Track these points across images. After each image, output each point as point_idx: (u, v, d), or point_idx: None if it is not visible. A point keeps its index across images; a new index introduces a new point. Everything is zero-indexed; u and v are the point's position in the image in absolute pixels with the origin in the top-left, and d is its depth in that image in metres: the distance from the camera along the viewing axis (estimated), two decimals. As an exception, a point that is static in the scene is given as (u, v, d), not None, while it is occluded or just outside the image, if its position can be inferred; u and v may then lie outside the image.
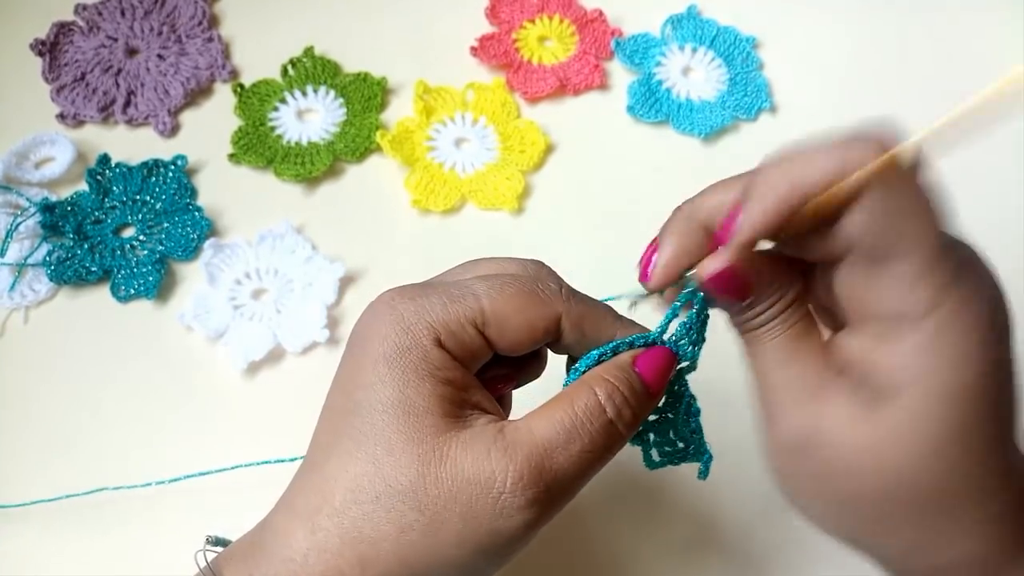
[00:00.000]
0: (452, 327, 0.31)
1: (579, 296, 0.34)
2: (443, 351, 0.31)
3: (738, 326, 0.32)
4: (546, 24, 0.68)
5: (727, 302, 0.31)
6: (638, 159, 0.63)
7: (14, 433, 0.51)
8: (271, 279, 0.56)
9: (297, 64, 0.64)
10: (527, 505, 0.29)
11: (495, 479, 0.29)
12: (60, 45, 0.64)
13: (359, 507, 0.30)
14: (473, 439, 0.30)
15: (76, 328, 0.54)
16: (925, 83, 0.67)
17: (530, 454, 0.30)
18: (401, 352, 0.31)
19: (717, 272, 0.30)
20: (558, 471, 0.30)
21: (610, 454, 0.32)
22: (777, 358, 0.31)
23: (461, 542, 0.29)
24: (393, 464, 0.30)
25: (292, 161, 0.60)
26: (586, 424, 0.31)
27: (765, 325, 0.31)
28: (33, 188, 0.58)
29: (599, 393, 0.31)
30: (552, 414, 0.31)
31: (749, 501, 0.50)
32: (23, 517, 0.48)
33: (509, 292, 0.32)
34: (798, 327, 0.31)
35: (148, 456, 0.50)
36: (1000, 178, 0.63)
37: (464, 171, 0.61)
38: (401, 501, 0.29)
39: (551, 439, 0.30)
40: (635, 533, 0.49)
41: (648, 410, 0.33)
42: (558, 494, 0.30)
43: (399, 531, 0.29)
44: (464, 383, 0.31)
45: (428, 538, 0.29)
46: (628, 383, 0.32)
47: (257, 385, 0.53)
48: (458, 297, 0.32)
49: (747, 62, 0.67)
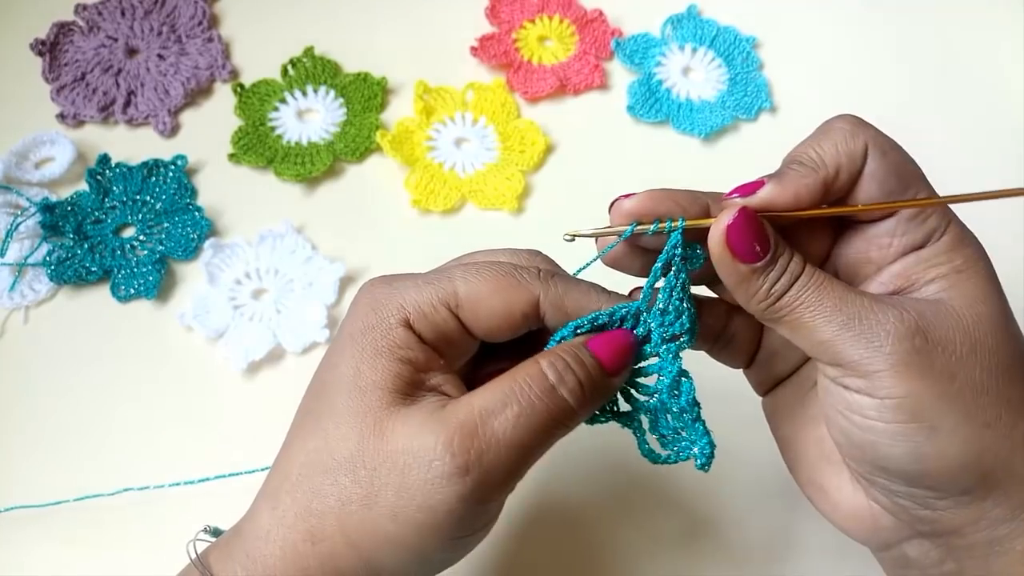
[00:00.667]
0: (423, 308, 0.31)
1: (563, 277, 0.33)
2: (409, 331, 0.31)
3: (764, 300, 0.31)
4: (546, 24, 0.68)
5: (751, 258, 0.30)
6: (638, 159, 0.63)
7: (14, 433, 0.51)
8: (271, 279, 0.56)
9: (297, 64, 0.64)
10: (457, 473, 0.28)
11: (425, 448, 0.29)
12: (60, 45, 0.64)
13: (310, 481, 0.30)
14: (413, 413, 0.30)
15: (76, 328, 0.54)
16: (925, 83, 0.67)
17: (463, 422, 0.29)
18: (365, 330, 0.31)
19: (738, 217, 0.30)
20: (491, 437, 0.29)
21: (556, 425, 0.30)
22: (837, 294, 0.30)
23: (395, 516, 0.29)
24: (338, 437, 0.30)
25: (292, 161, 0.60)
26: (524, 389, 0.30)
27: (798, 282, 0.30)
28: (33, 188, 0.58)
29: (542, 362, 0.31)
30: (493, 385, 0.30)
31: (746, 496, 0.50)
32: (22, 518, 0.48)
33: (485, 275, 0.32)
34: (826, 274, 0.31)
35: (148, 456, 0.50)
36: (1001, 180, 0.63)
37: (464, 171, 0.61)
38: (343, 474, 0.29)
39: (486, 407, 0.29)
40: (633, 527, 0.49)
41: (604, 387, 0.32)
42: (494, 463, 0.29)
43: (340, 504, 0.29)
44: (427, 365, 0.31)
45: (365, 511, 0.29)
46: (574, 354, 0.31)
47: (257, 385, 0.53)
48: (433, 280, 0.32)
49: (747, 62, 0.67)
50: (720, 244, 0.30)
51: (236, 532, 0.32)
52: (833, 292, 0.30)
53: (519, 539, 0.48)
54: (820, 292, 0.30)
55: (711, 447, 0.33)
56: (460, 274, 0.32)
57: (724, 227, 0.30)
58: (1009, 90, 0.67)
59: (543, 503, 0.49)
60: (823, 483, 0.34)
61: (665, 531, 0.49)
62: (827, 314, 0.30)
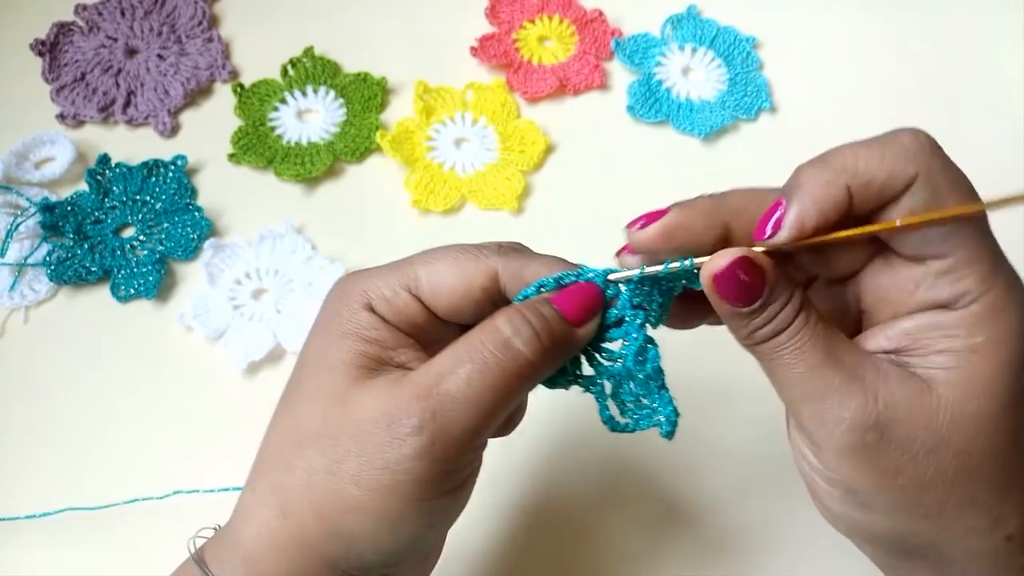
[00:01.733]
0: (384, 292, 0.32)
1: (524, 251, 0.33)
2: (372, 314, 0.32)
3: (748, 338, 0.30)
4: (546, 24, 0.68)
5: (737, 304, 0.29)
6: (638, 159, 0.63)
7: (14, 433, 0.51)
8: (271, 279, 0.56)
9: (297, 64, 0.64)
10: (413, 432, 0.29)
11: (386, 412, 0.29)
12: (60, 45, 0.64)
13: (280, 457, 0.31)
14: (377, 383, 0.30)
15: (76, 328, 0.54)
16: (925, 83, 0.67)
17: (419, 383, 0.29)
18: (332, 316, 0.32)
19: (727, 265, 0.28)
20: (444, 394, 0.29)
21: (515, 379, 0.30)
22: (816, 360, 0.29)
23: (358, 479, 0.29)
24: (306, 413, 0.31)
25: (292, 161, 0.60)
26: (478, 346, 0.30)
27: (787, 330, 0.29)
28: (33, 188, 0.58)
29: (497, 318, 0.31)
30: (450, 347, 0.31)
31: (728, 491, 0.50)
32: (22, 521, 0.48)
33: (443, 255, 0.32)
34: (823, 325, 0.29)
35: (148, 456, 0.50)
36: (1001, 181, 0.63)
37: (464, 171, 0.61)
38: (308, 446, 0.30)
39: (443, 367, 0.30)
40: (626, 522, 0.49)
41: (567, 340, 0.31)
42: (449, 420, 0.29)
43: (307, 475, 0.30)
44: (394, 344, 0.32)
45: (330, 478, 0.29)
46: (533, 308, 0.31)
47: (257, 385, 0.53)
48: (396, 267, 0.33)
49: (747, 62, 0.67)
50: (709, 284, 0.29)
51: (227, 523, 0.33)
52: (813, 354, 0.29)
53: (513, 538, 0.48)
54: (800, 352, 0.29)
55: (676, 415, 0.33)
56: (420, 258, 0.33)
57: (710, 276, 0.29)
58: (1009, 90, 0.67)
59: (533, 496, 0.49)
60: None
61: (660, 526, 0.49)
62: (796, 376, 0.29)
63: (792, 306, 0.29)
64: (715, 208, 0.30)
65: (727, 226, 0.30)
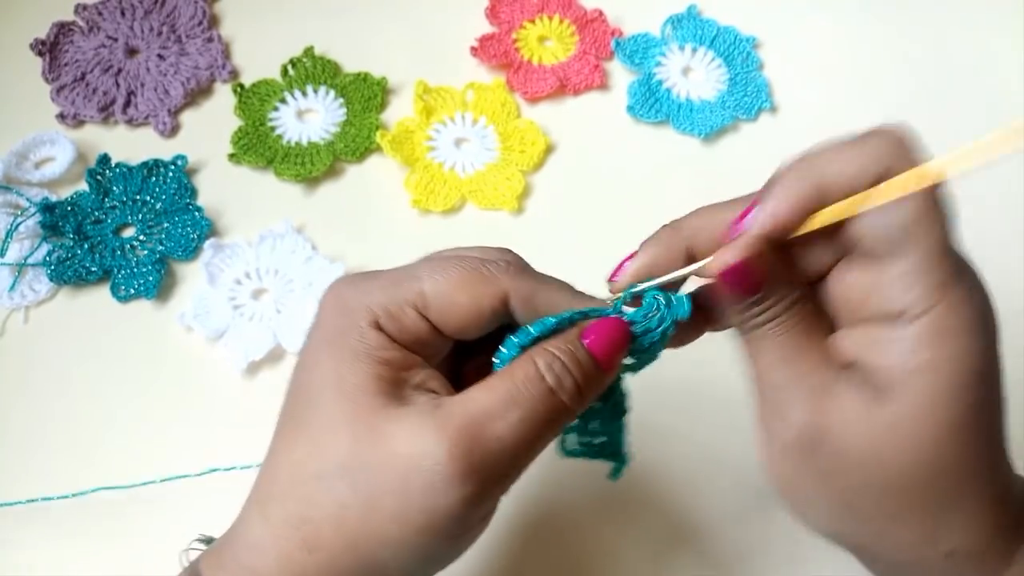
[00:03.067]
0: (391, 309, 0.31)
1: (531, 273, 0.33)
2: (380, 333, 0.31)
3: (741, 323, 0.31)
4: (546, 24, 0.68)
5: (736, 297, 0.30)
6: (638, 159, 0.63)
7: (14, 433, 0.51)
8: (271, 279, 0.56)
9: (297, 64, 0.64)
10: (460, 477, 0.28)
11: (427, 452, 0.28)
12: (60, 45, 0.65)
13: (301, 489, 0.30)
14: (408, 415, 0.29)
15: (76, 328, 0.54)
16: (925, 83, 0.67)
17: (463, 425, 0.28)
18: (338, 334, 0.31)
19: (732, 264, 0.29)
20: (493, 441, 0.29)
21: (554, 427, 0.30)
22: (782, 355, 0.30)
23: (397, 519, 0.28)
24: (329, 443, 0.29)
25: (292, 161, 0.60)
26: (523, 392, 0.29)
27: (772, 321, 0.30)
28: (33, 188, 0.58)
29: (539, 362, 0.30)
30: (490, 385, 0.30)
31: (730, 501, 0.50)
32: (21, 516, 0.48)
33: (450, 272, 0.31)
34: (803, 324, 0.30)
35: (148, 456, 0.50)
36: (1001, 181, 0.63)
37: (464, 171, 0.61)
38: (338, 479, 0.29)
39: (486, 409, 0.29)
40: (626, 531, 0.49)
41: (598, 384, 0.32)
42: (495, 467, 0.29)
43: (339, 509, 0.29)
44: (405, 364, 0.31)
45: (365, 516, 0.29)
46: (571, 353, 0.31)
47: (257, 385, 0.53)
48: (399, 280, 0.31)
49: (747, 62, 0.67)
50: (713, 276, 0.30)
51: (227, 541, 0.32)
52: (785, 347, 0.30)
53: (509, 541, 0.48)
54: (779, 340, 0.30)
55: (625, 462, 0.35)
56: (426, 273, 0.31)
57: (719, 269, 0.30)
58: (1009, 91, 0.67)
59: (534, 505, 0.49)
60: None
61: (661, 535, 0.49)
62: (767, 364, 0.31)
63: (787, 299, 0.30)
64: (674, 237, 0.32)
65: (689, 249, 0.32)
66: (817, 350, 0.30)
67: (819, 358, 0.30)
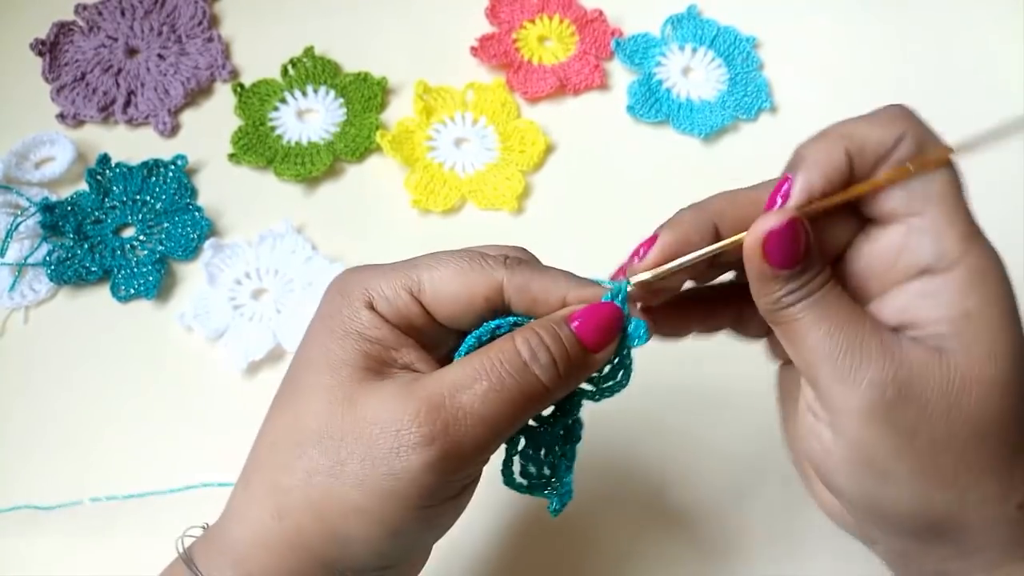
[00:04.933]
0: (386, 292, 0.32)
1: (530, 264, 0.33)
2: (374, 313, 0.31)
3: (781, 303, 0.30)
4: (546, 24, 0.68)
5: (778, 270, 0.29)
6: (638, 159, 0.63)
7: (14, 433, 0.51)
8: (271, 279, 0.56)
9: (297, 64, 0.64)
10: (423, 442, 0.28)
11: (395, 418, 0.29)
12: (60, 45, 0.65)
13: (278, 456, 0.30)
14: (385, 386, 0.30)
15: (76, 328, 0.54)
16: (925, 83, 0.67)
17: (432, 393, 0.29)
18: (333, 313, 0.32)
19: (778, 228, 0.29)
20: (459, 409, 0.29)
21: (527, 403, 0.30)
22: (839, 321, 0.29)
23: (362, 483, 0.29)
24: (308, 412, 0.30)
25: (292, 161, 0.60)
26: (496, 365, 0.30)
27: (820, 290, 0.29)
28: (33, 188, 0.58)
29: (516, 338, 0.31)
30: (465, 360, 0.30)
31: (745, 499, 0.50)
32: (22, 515, 0.48)
33: (448, 261, 0.32)
34: (841, 290, 0.30)
35: (148, 456, 0.50)
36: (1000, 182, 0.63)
37: (464, 171, 0.61)
38: (311, 446, 0.30)
39: (457, 380, 0.30)
40: (627, 530, 0.49)
41: (582, 367, 0.31)
42: (460, 435, 0.29)
43: (307, 476, 0.29)
44: (394, 344, 0.31)
45: (331, 480, 0.29)
46: (552, 331, 0.31)
47: (257, 385, 0.53)
48: (398, 267, 0.32)
49: (747, 62, 0.67)
50: (755, 246, 0.29)
51: (217, 522, 0.32)
52: (837, 315, 0.29)
53: (511, 537, 0.48)
54: (824, 312, 0.29)
55: (568, 497, 0.34)
56: (425, 262, 0.32)
57: (764, 233, 0.29)
58: (1009, 91, 0.67)
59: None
60: (808, 471, 0.34)
61: (662, 533, 0.49)
62: (820, 336, 0.29)
63: (823, 274, 0.30)
64: (700, 216, 0.31)
65: (714, 229, 0.31)
66: (863, 311, 0.30)
67: (873, 319, 0.30)
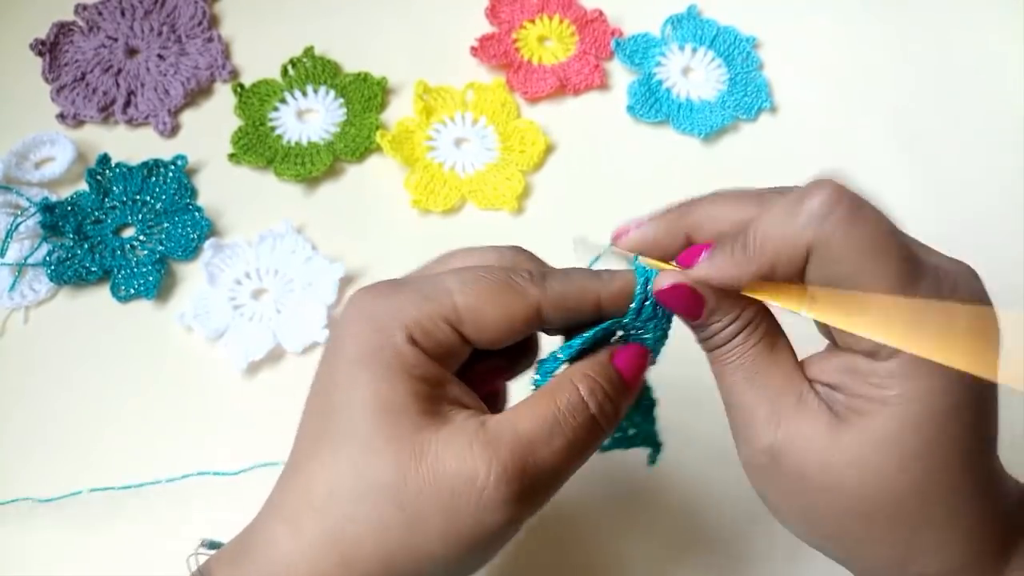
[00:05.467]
0: (425, 325, 0.31)
1: (555, 275, 0.33)
2: (416, 349, 0.31)
3: (701, 343, 0.33)
4: (546, 24, 0.68)
5: (681, 317, 0.32)
6: (638, 159, 0.63)
7: (14, 433, 0.51)
8: (271, 279, 0.56)
9: (297, 64, 0.64)
10: (511, 499, 0.29)
11: (477, 474, 0.29)
12: (60, 45, 0.65)
13: (340, 507, 0.29)
14: (453, 434, 0.29)
15: (76, 328, 0.54)
16: (925, 83, 0.67)
17: (513, 449, 0.29)
18: (374, 352, 0.30)
19: (668, 287, 0.31)
20: (540, 466, 0.30)
21: (591, 450, 0.32)
22: (743, 375, 0.31)
23: (444, 537, 0.29)
24: (372, 463, 0.29)
25: (292, 161, 0.60)
26: (569, 419, 0.31)
27: (729, 343, 0.31)
28: (33, 188, 0.58)
29: (581, 389, 0.31)
30: (535, 409, 0.31)
31: (738, 502, 0.50)
32: (22, 515, 0.48)
33: (482, 286, 0.31)
34: (761, 346, 0.31)
35: (148, 456, 0.50)
36: (1001, 181, 0.63)
37: (464, 171, 0.61)
38: (382, 499, 0.29)
39: (534, 433, 0.30)
40: (624, 532, 0.49)
41: (626, 405, 0.33)
42: (540, 488, 0.30)
43: (381, 529, 0.29)
44: (439, 379, 0.31)
45: (409, 535, 0.29)
46: (608, 378, 0.32)
47: (257, 385, 0.53)
48: (431, 295, 0.31)
49: (747, 62, 0.67)
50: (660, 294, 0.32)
51: (246, 551, 0.31)
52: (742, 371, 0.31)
53: (516, 542, 0.48)
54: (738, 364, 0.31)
55: (659, 448, 0.36)
56: (457, 287, 0.31)
57: (657, 291, 0.32)
58: (1010, 91, 0.67)
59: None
60: None
61: (663, 534, 0.49)
62: (727, 386, 0.32)
63: (737, 324, 0.31)
64: (677, 221, 0.33)
65: (688, 237, 0.33)
66: (780, 370, 0.31)
67: (782, 378, 0.31)
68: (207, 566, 0.31)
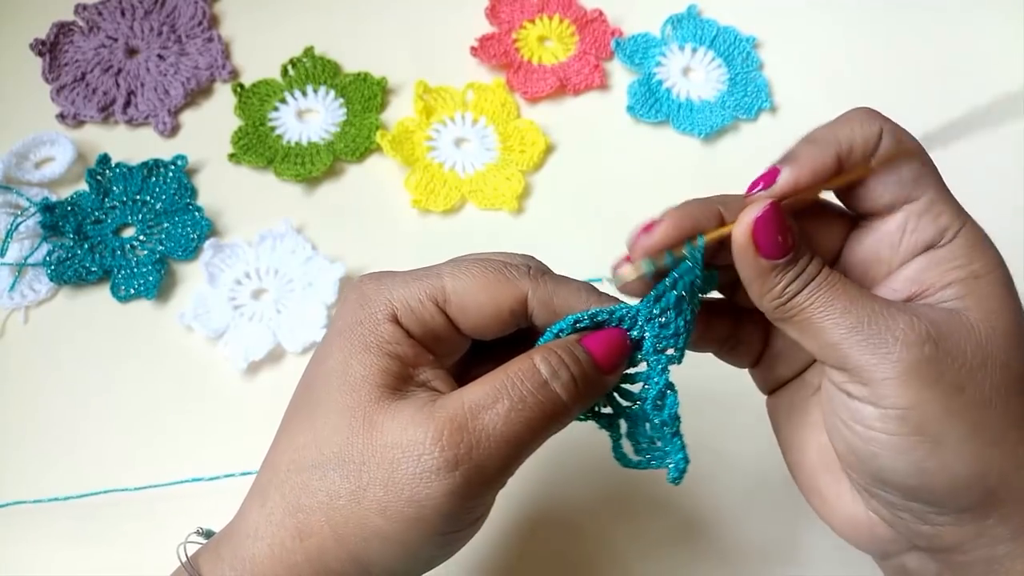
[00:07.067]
0: (410, 303, 0.31)
1: (552, 275, 0.33)
2: (396, 326, 0.31)
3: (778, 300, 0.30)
4: (546, 24, 0.68)
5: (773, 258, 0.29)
6: (638, 159, 0.63)
7: (14, 433, 0.51)
8: (271, 279, 0.56)
9: (297, 64, 0.64)
10: (446, 467, 0.28)
11: (416, 442, 0.28)
12: (60, 45, 0.65)
13: (298, 476, 0.30)
14: (403, 407, 0.29)
15: (76, 328, 0.54)
16: (925, 82, 0.67)
17: (452, 416, 0.29)
18: (353, 325, 0.31)
19: (764, 211, 0.29)
20: (481, 431, 0.29)
21: (549, 420, 0.30)
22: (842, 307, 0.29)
23: (385, 510, 0.28)
24: (327, 432, 0.30)
25: (292, 161, 0.60)
26: (516, 384, 0.30)
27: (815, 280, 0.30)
28: (33, 188, 0.58)
29: (535, 356, 0.31)
30: (485, 380, 0.30)
31: (747, 500, 0.50)
32: (22, 516, 0.48)
33: (472, 271, 0.32)
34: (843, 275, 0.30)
35: (148, 456, 0.50)
36: (1001, 182, 0.63)
37: (464, 171, 0.61)
38: (332, 469, 0.29)
39: (477, 401, 0.29)
40: (629, 529, 0.49)
41: (598, 384, 0.32)
42: (483, 458, 0.29)
43: (329, 499, 0.29)
44: (416, 361, 0.31)
45: (353, 505, 0.29)
46: (568, 350, 0.31)
47: (257, 385, 0.53)
48: (421, 276, 0.32)
49: (747, 62, 0.67)
50: (745, 238, 0.30)
51: (226, 533, 0.32)
52: (845, 294, 0.29)
53: (511, 539, 0.48)
54: (832, 293, 0.29)
55: (685, 462, 0.33)
56: (448, 271, 0.32)
57: (751, 221, 0.29)
58: (1010, 91, 0.67)
59: (536, 503, 0.49)
60: (822, 490, 0.33)
61: (663, 534, 0.49)
62: (836, 316, 0.29)
63: (816, 259, 0.30)
64: (705, 201, 0.32)
65: (719, 214, 0.32)
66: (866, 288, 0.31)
67: (874, 294, 0.30)
68: (196, 554, 0.32)
